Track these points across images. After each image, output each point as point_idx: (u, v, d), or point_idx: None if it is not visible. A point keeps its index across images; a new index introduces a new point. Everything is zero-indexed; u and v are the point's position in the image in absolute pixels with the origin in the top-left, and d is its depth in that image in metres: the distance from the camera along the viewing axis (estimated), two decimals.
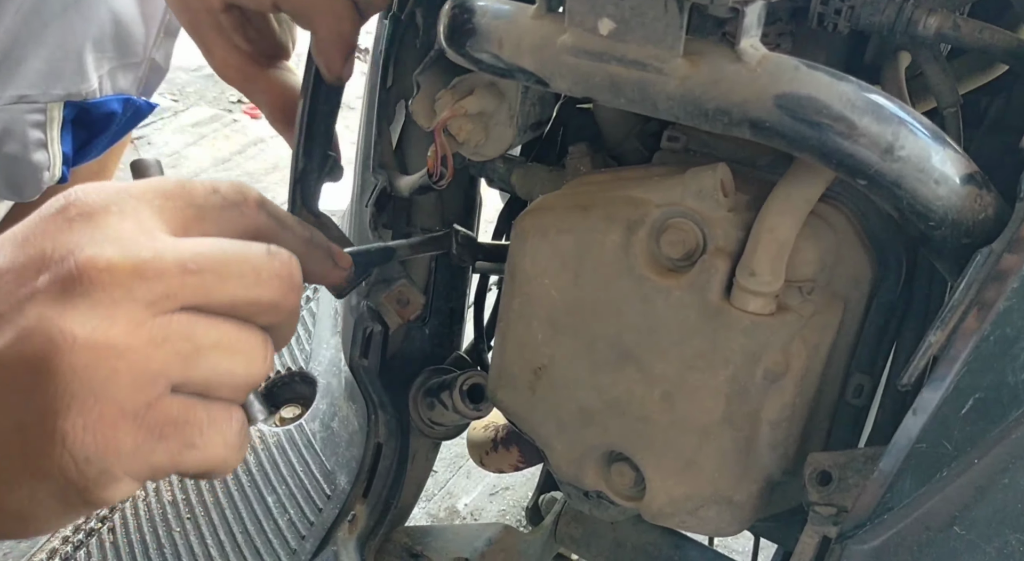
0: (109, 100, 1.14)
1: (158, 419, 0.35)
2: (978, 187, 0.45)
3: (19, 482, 0.35)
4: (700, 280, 0.51)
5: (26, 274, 0.34)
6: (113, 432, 0.34)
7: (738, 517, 0.56)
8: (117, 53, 1.12)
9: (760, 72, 0.43)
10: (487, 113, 0.60)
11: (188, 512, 0.72)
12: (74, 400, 0.33)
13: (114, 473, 0.35)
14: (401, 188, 0.69)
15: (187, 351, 0.35)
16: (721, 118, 0.44)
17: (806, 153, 0.44)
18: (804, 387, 0.54)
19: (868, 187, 0.44)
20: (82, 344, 0.33)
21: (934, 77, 0.53)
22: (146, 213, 0.36)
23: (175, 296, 0.35)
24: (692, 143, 0.59)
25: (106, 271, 0.34)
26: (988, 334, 0.44)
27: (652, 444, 0.55)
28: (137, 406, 0.34)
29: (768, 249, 0.49)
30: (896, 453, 0.46)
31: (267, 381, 0.84)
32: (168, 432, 0.35)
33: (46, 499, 0.35)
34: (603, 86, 0.47)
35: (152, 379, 0.35)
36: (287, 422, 0.81)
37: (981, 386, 0.45)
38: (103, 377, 0.34)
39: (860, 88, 0.43)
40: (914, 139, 0.43)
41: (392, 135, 0.72)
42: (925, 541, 0.47)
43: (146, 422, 0.35)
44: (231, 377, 0.37)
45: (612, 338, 0.54)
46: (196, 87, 2.88)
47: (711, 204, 0.51)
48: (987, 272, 0.44)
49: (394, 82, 0.69)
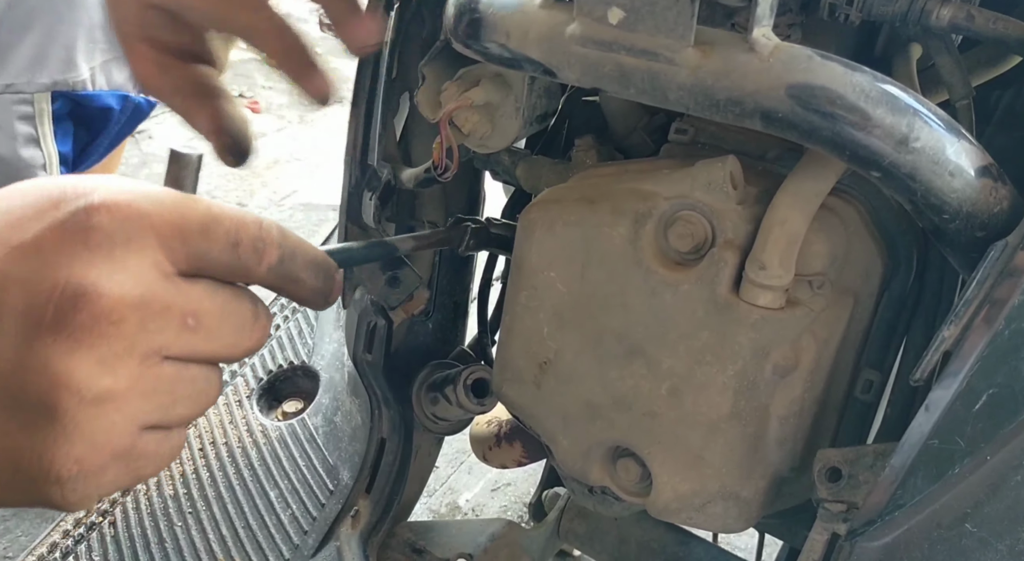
0: (103, 94, 1.12)
1: (135, 455, 0.40)
2: (993, 180, 0.44)
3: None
4: (709, 274, 0.50)
5: (37, 301, 0.36)
6: (102, 472, 0.39)
7: (745, 513, 0.55)
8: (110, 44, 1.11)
9: (772, 62, 0.43)
10: (493, 105, 0.59)
11: (190, 506, 0.71)
12: (72, 448, 0.37)
13: (92, 499, 0.40)
14: (405, 181, 0.68)
15: (168, 403, 0.40)
16: (732, 109, 0.44)
17: (819, 144, 0.43)
18: (813, 382, 0.53)
19: (882, 179, 0.44)
20: (87, 399, 0.37)
21: (946, 69, 0.53)
22: (161, 254, 0.39)
23: (168, 350, 0.39)
24: (700, 135, 0.58)
25: (115, 324, 0.37)
26: (1002, 329, 0.43)
27: (659, 439, 0.54)
28: (124, 449, 0.39)
29: (778, 242, 0.48)
30: (908, 450, 0.45)
31: (269, 375, 0.84)
32: (140, 465, 0.40)
33: (11, 497, 0.39)
34: (612, 76, 0.46)
35: (139, 425, 0.39)
36: (289, 417, 0.81)
37: (995, 382, 0.44)
38: (101, 428, 0.38)
39: (874, 78, 0.42)
40: (929, 130, 0.42)
41: (396, 127, 0.71)
42: (936, 538, 0.46)
43: (127, 459, 0.40)
44: (190, 416, 0.42)
45: (619, 332, 0.54)
46: None
47: (720, 197, 0.50)
48: (1002, 266, 0.43)
49: (398, 73, 0.69)
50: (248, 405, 0.81)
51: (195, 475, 0.74)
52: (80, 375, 0.36)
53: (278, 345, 0.86)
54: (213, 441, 0.77)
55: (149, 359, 0.38)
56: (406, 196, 0.75)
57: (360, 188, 0.72)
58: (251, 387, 0.83)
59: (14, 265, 0.37)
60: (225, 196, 2.17)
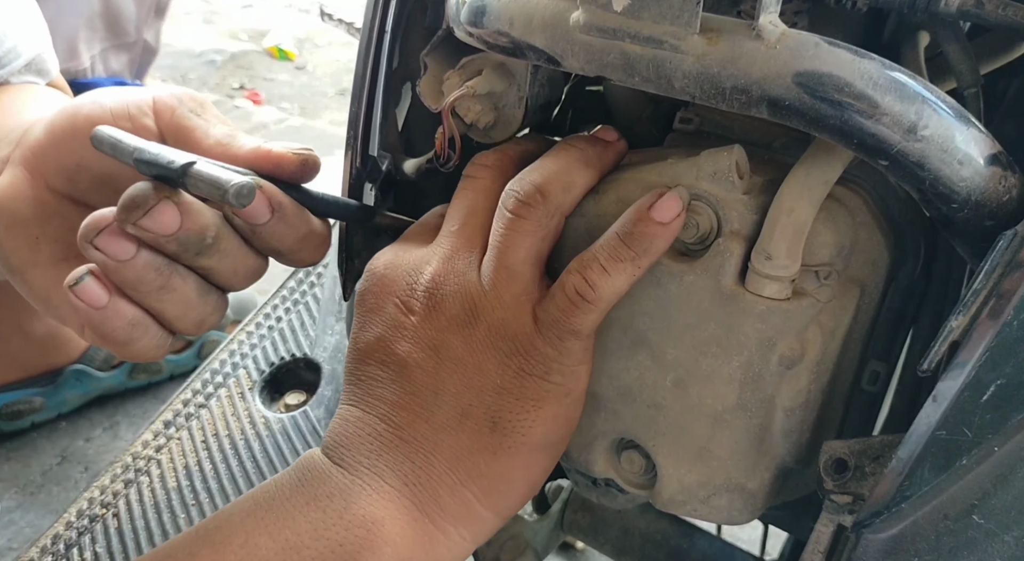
0: (101, 81, 1.13)
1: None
2: (1003, 168, 0.43)
3: None
4: (714, 264, 0.50)
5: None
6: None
7: (750, 505, 0.55)
8: (109, 33, 1.11)
9: (780, 49, 0.42)
10: (496, 94, 0.59)
11: (193, 499, 0.71)
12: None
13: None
14: (407, 171, 0.68)
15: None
16: (739, 97, 0.43)
17: (826, 133, 0.43)
18: (819, 374, 0.53)
19: (889, 168, 0.43)
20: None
21: (955, 56, 0.52)
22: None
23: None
24: (705, 124, 0.58)
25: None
26: (1011, 319, 0.43)
27: (664, 431, 0.54)
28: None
29: (785, 232, 0.47)
30: (915, 441, 0.45)
31: (271, 367, 0.84)
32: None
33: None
34: (617, 64, 0.46)
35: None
36: (292, 409, 0.80)
37: (1003, 372, 0.44)
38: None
39: (883, 66, 0.42)
40: (938, 118, 0.42)
41: (398, 117, 0.71)
42: (943, 530, 0.46)
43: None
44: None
45: (623, 323, 0.53)
46: (198, 73, 2.86)
47: (726, 186, 0.49)
48: (1011, 256, 0.43)
49: (400, 63, 0.68)
50: (250, 397, 0.81)
51: (198, 467, 0.74)
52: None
53: (280, 337, 0.86)
54: (216, 433, 0.77)
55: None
56: (409, 189, 0.75)
57: (361, 180, 0.71)
58: (253, 380, 0.82)
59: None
60: None
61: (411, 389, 0.51)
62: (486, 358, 0.50)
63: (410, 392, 0.51)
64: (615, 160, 0.56)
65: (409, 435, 0.50)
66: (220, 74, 2.87)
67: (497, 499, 0.51)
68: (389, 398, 0.51)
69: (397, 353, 0.52)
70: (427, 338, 0.51)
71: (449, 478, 0.50)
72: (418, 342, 0.51)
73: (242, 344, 0.84)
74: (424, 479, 0.50)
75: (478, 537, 0.52)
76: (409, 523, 0.48)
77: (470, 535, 0.51)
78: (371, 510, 0.47)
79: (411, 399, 0.51)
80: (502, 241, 0.51)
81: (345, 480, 0.49)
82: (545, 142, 0.59)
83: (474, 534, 0.51)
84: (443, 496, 0.50)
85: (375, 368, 0.52)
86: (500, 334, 0.50)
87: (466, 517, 0.50)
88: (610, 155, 0.56)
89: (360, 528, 0.46)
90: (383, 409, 0.51)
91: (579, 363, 0.51)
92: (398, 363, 0.52)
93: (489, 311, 0.51)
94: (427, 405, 0.50)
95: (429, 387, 0.51)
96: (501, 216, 0.52)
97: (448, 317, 0.51)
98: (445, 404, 0.50)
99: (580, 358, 0.51)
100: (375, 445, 0.50)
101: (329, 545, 0.46)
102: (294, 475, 0.50)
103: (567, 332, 0.50)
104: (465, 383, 0.50)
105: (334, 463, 0.50)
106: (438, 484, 0.50)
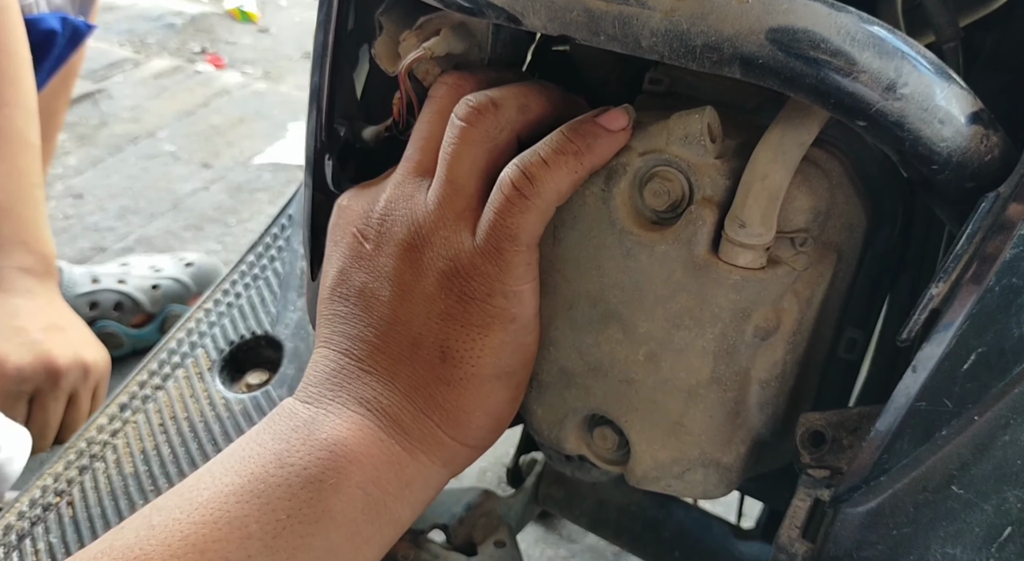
0: (46, 16, 1.10)
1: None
2: (984, 127, 0.41)
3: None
4: (686, 233, 0.47)
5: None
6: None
7: (726, 480, 0.53)
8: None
9: (752, 3, 0.39)
10: (455, 56, 0.56)
11: (151, 484, 0.69)
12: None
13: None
14: (366, 139, 0.65)
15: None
16: (710, 55, 0.41)
17: (801, 92, 0.41)
18: (795, 344, 0.51)
19: (867, 128, 0.41)
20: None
21: (934, 9, 0.50)
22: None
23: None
24: (676, 85, 0.55)
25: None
26: (993, 284, 0.41)
27: (636, 407, 0.52)
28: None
29: (759, 198, 0.45)
30: (894, 412, 0.44)
31: (231, 346, 0.81)
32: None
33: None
34: (580, 22, 0.43)
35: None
36: (254, 389, 0.78)
37: (984, 340, 0.42)
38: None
39: (860, 19, 0.39)
40: (918, 75, 0.40)
41: (356, 82, 0.67)
42: (922, 502, 0.45)
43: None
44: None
45: (593, 296, 0.51)
46: (157, 38, 2.77)
47: (698, 150, 0.47)
48: (992, 219, 0.41)
49: (356, 24, 0.65)
50: (209, 378, 0.78)
51: (155, 451, 0.71)
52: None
53: (240, 315, 0.82)
54: (173, 416, 0.74)
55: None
56: (372, 158, 0.72)
57: (324, 153, 0.68)
58: (212, 359, 0.80)
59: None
60: (189, 158, 2.11)
61: (369, 321, 0.51)
62: (431, 282, 0.49)
63: (368, 324, 0.51)
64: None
65: (369, 365, 0.50)
66: (180, 38, 2.78)
67: (460, 430, 0.50)
68: (350, 332, 0.51)
69: (356, 284, 0.52)
70: (380, 266, 0.51)
71: (410, 406, 0.49)
72: (372, 271, 0.51)
73: (200, 322, 0.80)
74: (386, 405, 0.49)
75: (451, 465, 0.51)
76: (375, 443, 0.48)
77: (440, 462, 0.51)
78: (334, 433, 0.47)
79: (370, 331, 0.50)
80: (450, 153, 0.50)
81: (310, 412, 0.49)
82: (517, 75, 0.56)
83: (445, 461, 0.51)
84: (406, 422, 0.49)
85: (339, 304, 0.52)
86: (442, 255, 0.49)
87: (433, 444, 0.50)
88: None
89: (323, 451, 0.46)
90: (346, 344, 0.51)
91: (521, 282, 0.49)
92: (357, 295, 0.51)
93: (434, 231, 0.49)
94: (383, 335, 0.50)
95: (385, 317, 0.50)
96: (451, 126, 0.50)
97: (396, 242, 0.50)
98: (399, 334, 0.50)
99: (521, 275, 0.49)
100: (339, 378, 0.50)
101: (294, 470, 0.45)
102: (264, 420, 0.50)
103: (504, 238, 0.48)
104: (414, 310, 0.49)
105: (300, 401, 0.50)
106: (400, 410, 0.49)
